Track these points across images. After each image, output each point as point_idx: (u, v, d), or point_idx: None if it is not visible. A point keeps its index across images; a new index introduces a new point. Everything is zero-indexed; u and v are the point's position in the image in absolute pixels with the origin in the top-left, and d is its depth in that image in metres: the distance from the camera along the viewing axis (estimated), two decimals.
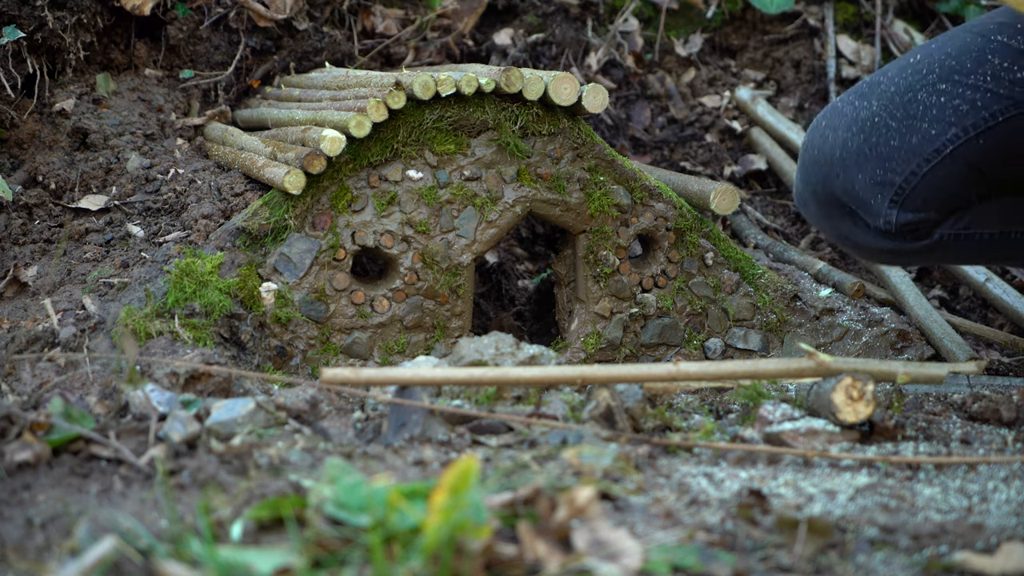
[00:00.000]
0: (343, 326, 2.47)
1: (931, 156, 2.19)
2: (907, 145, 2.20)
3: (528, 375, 1.90)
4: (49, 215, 2.72)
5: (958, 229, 2.27)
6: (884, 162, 2.21)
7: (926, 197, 2.21)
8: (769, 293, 2.70)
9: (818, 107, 3.52)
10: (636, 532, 1.46)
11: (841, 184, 2.26)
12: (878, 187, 2.22)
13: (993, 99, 2.18)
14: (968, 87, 2.19)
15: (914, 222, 2.23)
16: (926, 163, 2.19)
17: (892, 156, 2.21)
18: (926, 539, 1.48)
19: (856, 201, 2.25)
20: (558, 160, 2.56)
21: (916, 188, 2.20)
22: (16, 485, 1.60)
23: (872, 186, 2.22)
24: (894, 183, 2.21)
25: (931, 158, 2.19)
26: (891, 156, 2.21)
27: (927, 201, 2.22)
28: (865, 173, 2.23)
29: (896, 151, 2.20)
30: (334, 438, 1.85)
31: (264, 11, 3.07)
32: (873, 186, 2.22)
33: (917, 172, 2.19)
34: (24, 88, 2.92)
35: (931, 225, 2.25)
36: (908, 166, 2.20)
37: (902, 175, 2.20)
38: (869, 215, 2.25)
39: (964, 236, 2.27)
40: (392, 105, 2.43)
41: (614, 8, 3.50)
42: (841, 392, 1.89)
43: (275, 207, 2.44)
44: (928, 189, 2.21)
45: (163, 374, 2.01)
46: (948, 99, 2.19)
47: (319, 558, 1.33)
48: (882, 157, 2.21)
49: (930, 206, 2.22)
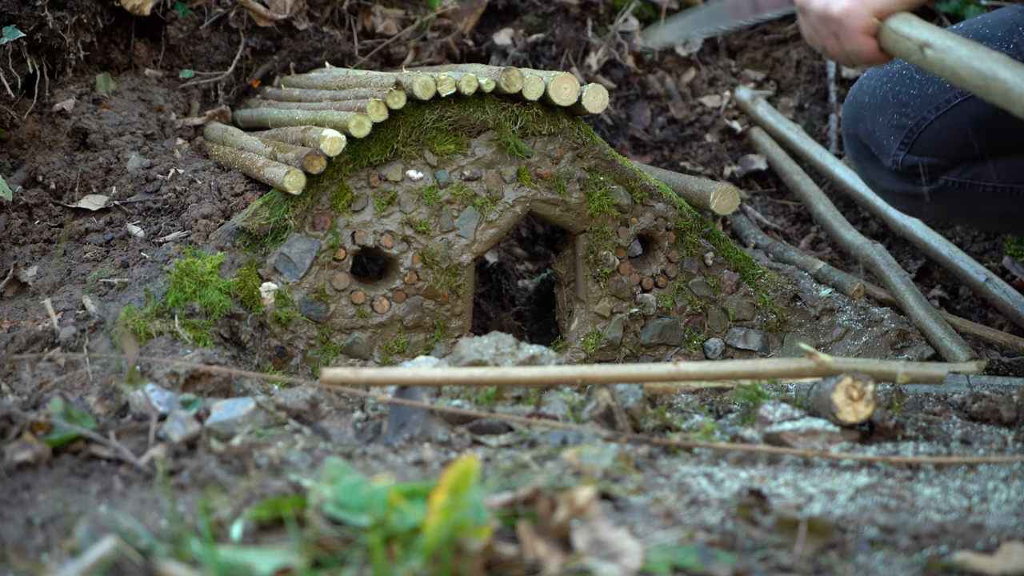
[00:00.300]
0: (343, 326, 2.47)
1: (941, 105, 2.36)
2: (923, 94, 2.37)
3: (528, 375, 1.90)
4: (49, 215, 2.72)
5: (963, 178, 2.42)
6: (902, 107, 2.38)
7: (933, 143, 2.38)
8: (769, 293, 2.70)
9: (818, 107, 3.52)
10: (636, 532, 1.46)
11: (866, 127, 2.44)
12: (893, 130, 2.40)
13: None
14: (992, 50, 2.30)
15: (920, 165, 2.39)
16: (936, 111, 2.36)
17: (909, 103, 2.38)
18: (926, 539, 1.48)
19: (875, 142, 2.43)
20: (558, 160, 2.56)
21: (924, 133, 2.37)
22: (16, 485, 1.60)
23: (889, 129, 2.40)
24: (906, 126, 2.38)
25: (941, 107, 2.36)
26: (908, 103, 2.38)
27: (934, 147, 2.38)
28: (885, 117, 2.41)
29: (914, 99, 2.38)
30: (334, 438, 1.85)
31: (264, 11, 3.07)
32: (890, 129, 2.40)
33: (927, 118, 2.36)
34: (24, 88, 2.92)
35: (937, 170, 2.40)
36: (920, 112, 2.37)
37: (914, 120, 2.38)
38: (884, 155, 2.42)
39: (968, 185, 2.42)
40: (392, 105, 2.43)
41: (614, 8, 3.50)
42: (841, 392, 1.89)
43: (275, 207, 2.44)
44: (936, 135, 2.37)
45: (163, 374, 2.00)
46: None
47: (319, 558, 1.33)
48: (901, 103, 2.39)
49: (936, 152, 2.38)
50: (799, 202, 3.37)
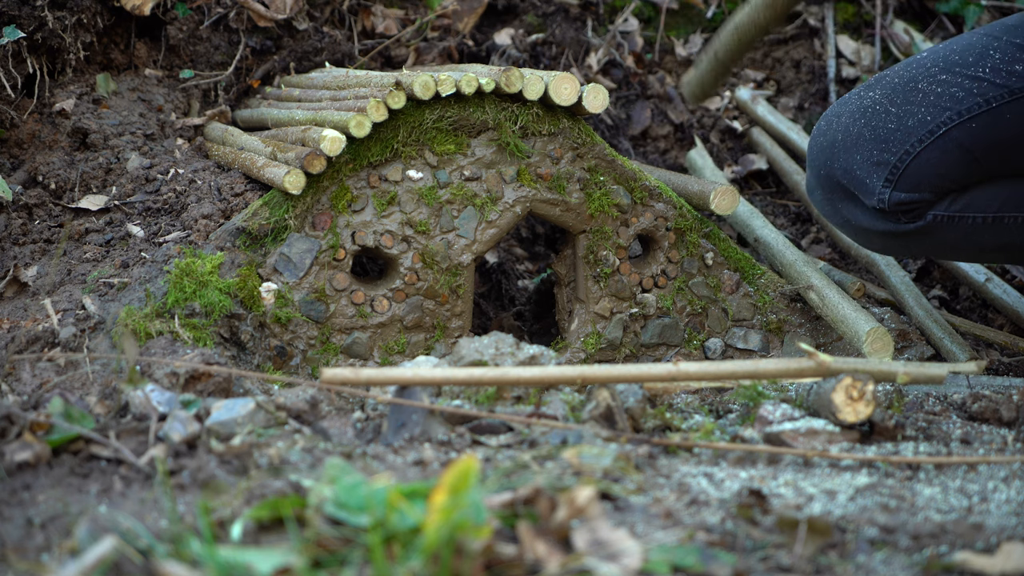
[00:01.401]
0: (343, 326, 2.47)
1: (924, 137, 2.29)
2: (903, 127, 2.30)
3: (528, 375, 1.90)
4: (49, 215, 2.72)
5: (952, 211, 2.34)
6: (880, 143, 2.31)
7: (919, 177, 2.30)
8: (769, 293, 2.70)
9: (818, 107, 3.52)
10: (636, 532, 1.46)
11: (841, 166, 2.35)
12: (874, 167, 2.32)
13: (989, 87, 2.27)
14: (967, 77, 2.29)
15: (907, 202, 2.31)
16: (919, 143, 2.29)
17: (888, 138, 2.31)
18: (926, 539, 1.48)
19: (854, 182, 2.34)
20: (558, 160, 2.56)
21: (909, 167, 2.30)
22: (16, 485, 1.60)
23: (869, 166, 2.32)
24: (889, 163, 2.30)
25: (924, 139, 2.29)
26: (888, 138, 2.31)
27: (920, 181, 2.30)
28: (863, 154, 2.32)
29: (893, 133, 2.31)
30: (334, 438, 1.85)
31: (264, 11, 3.07)
32: (870, 166, 2.32)
33: (911, 152, 2.29)
34: (24, 88, 2.92)
35: (925, 206, 2.33)
36: (902, 146, 2.30)
37: (896, 155, 2.30)
38: (865, 194, 2.33)
39: (958, 219, 2.34)
40: (392, 105, 2.43)
41: (614, 8, 3.50)
42: (841, 392, 1.89)
43: (275, 207, 2.44)
44: (921, 169, 2.30)
45: (163, 374, 2.00)
46: (946, 88, 2.30)
47: (319, 558, 1.33)
48: (879, 139, 2.31)
49: (923, 186, 2.31)
50: (799, 202, 3.37)
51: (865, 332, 2.43)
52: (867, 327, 2.43)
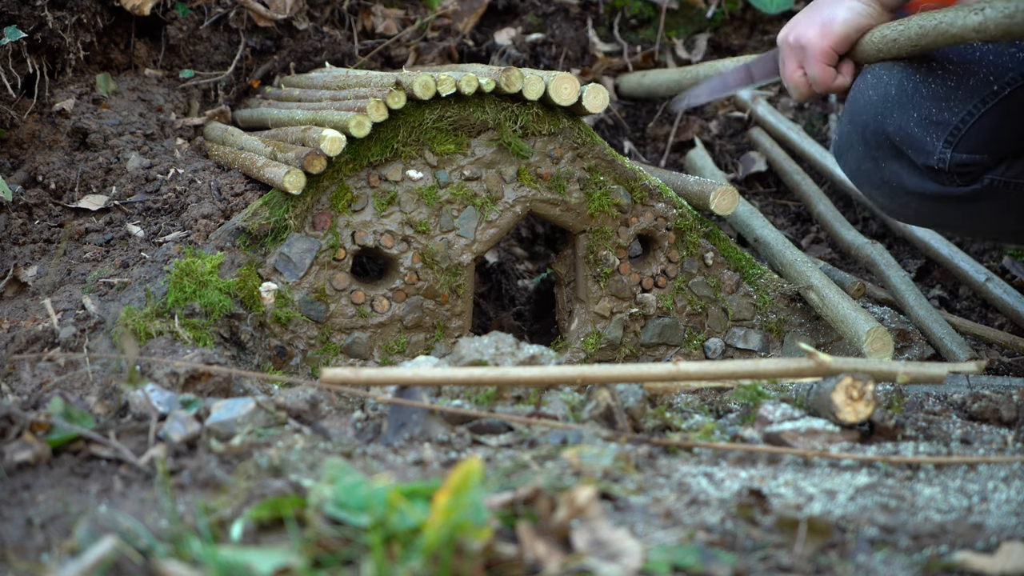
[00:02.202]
0: (343, 326, 2.47)
1: (988, 97, 2.21)
2: (964, 85, 2.22)
3: (528, 375, 1.90)
4: (49, 215, 2.72)
5: (1008, 176, 2.27)
6: (941, 101, 2.22)
7: (981, 139, 2.22)
8: (769, 293, 2.70)
9: (818, 107, 3.52)
10: (636, 532, 1.46)
11: (895, 122, 2.26)
12: (933, 126, 2.23)
13: None
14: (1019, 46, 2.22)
15: (968, 163, 2.23)
16: (983, 104, 2.21)
17: (949, 96, 2.22)
18: (926, 539, 1.48)
19: (908, 140, 2.26)
20: (558, 160, 2.56)
21: (972, 129, 2.22)
22: (16, 485, 1.60)
23: (927, 125, 2.24)
24: (951, 123, 2.22)
25: (988, 99, 2.21)
26: (948, 96, 2.22)
27: (981, 143, 2.23)
28: (921, 111, 2.24)
29: (953, 91, 2.22)
30: (334, 438, 1.85)
31: (264, 11, 3.07)
32: (928, 125, 2.23)
33: (974, 113, 2.21)
34: (24, 88, 2.92)
35: (982, 169, 2.25)
36: (965, 106, 2.21)
37: (959, 115, 2.22)
38: (921, 154, 2.25)
39: (1012, 185, 2.28)
40: (392, 105, 2.43)
41: (614, 8, 3.50)
42: (841, 392, 1.89)
43: (275, 207, 2.44)
44: (983, 131, 2.22)
45: (163, 374, 2.01)
46: (1005, 47, 2.21)
47: (319, 558, 1.33)
48: (938, 97, 2.23)
49: (984, 148, 2.23)
50: (799, 202, 3.37)
51: (865, 332, 2.43)
52: (867, 327, 2.43)
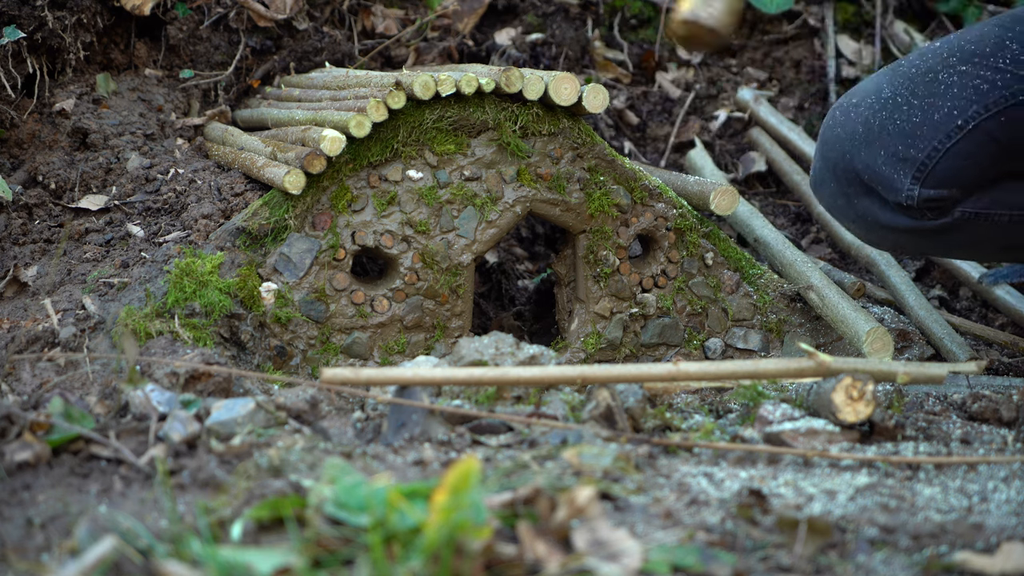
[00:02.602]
0: (343, 326, 2.47)
1: (953, 132, 2.23)
2: (929, 121, 2.24)
3: (528, 375, 1.90)
4: (49, 215, 2.72)
5: (978, 208, 2.29)
6: (906, 138, 2.25)
7: (948, 173, 2.24)
8: (769, 293, 2.70)
9: (818, 107, 3.52)
10: (636, 532, 1.46)
11: (863, 159, 2.29)
12: (900, 163, 2.25)
13: (1013, 79, 2.22)
14: (988, 68, 2.23)
15: (936, 198, 2.25)
16: (948, 139, 2.23)
17: (914, 132, 2.24)
18: (926, 539, 1.48)
19: (877, 177, 2.28)
20: (558, 160, 2.56)
21: (938, 164, 2.23)
22: (16, 485, 1.60)
23: (894, 162, 2.26)
24: (917, 159, 2.24)
25: (953, 134, 2.23)
26: (913, 132, 2.25)
27: (949, 177, 2.24)
28: (887, 149, 2.26)
29: (918, 127, 2.24)
30: (334, 438, 1.85)
31: (264, 11, 3.07)
32: (895, 162, 2.26)
33: (940, 148, 2.23)
34: (24, 88, 2.92)
35: (952, 202, 2.27)
36: (931, 142, 2.23)
37: (924, 151, 2.24)
38: (890, 191, 2.28)
39: (984, 216, 2.30)
40: (392, 105, 2.43)
41: (614, 8, 3.50)
42: (841, 392, 1.89)
43: (275, 207, 2.44)
44: (950, 165, 2.24)
45: (163, 374, 2.01)
46: (968, 79, 2.24)
47: (319, 558, 1.33)
48: (904, 133, 2.25)
49: (952, 183, 2.25)
50: (799, 202, 3.37)
51: (865, 332, 2.43)
52: (867, 327, 2.43)
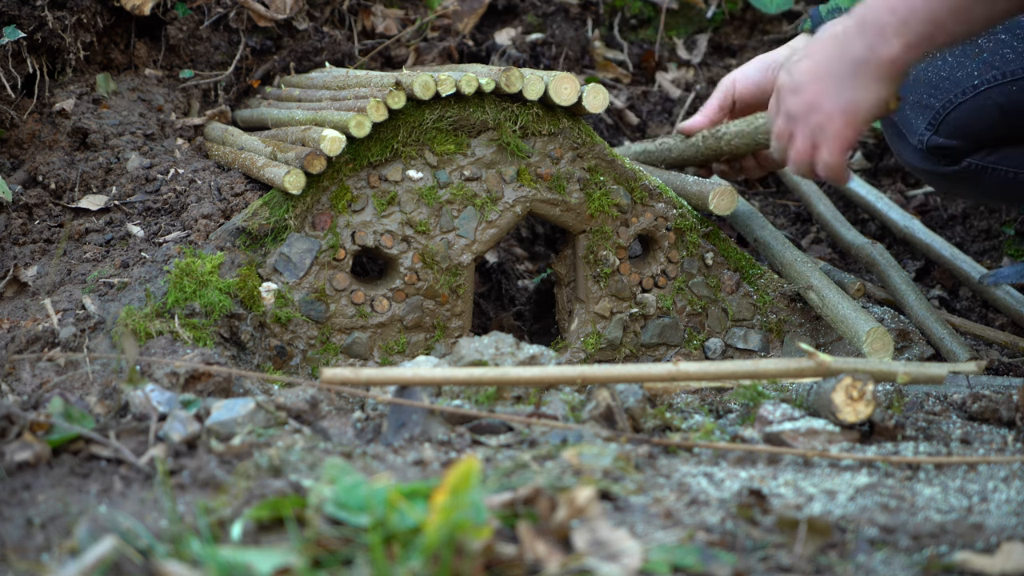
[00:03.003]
0: (343, 326, 2.47)
1: (968, 90, 2.40)
2: (953, 77, 2.42)
3: (528, 375, 1.90)
4: (49, 215, 2.72)
5: (985, 162, 2.46)
6: (931, 88, 2.43)
7: (957, 126, 2.42)
8: (769, 293, 2.70)
9: None
10: (636, 532, 1.46)
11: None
12: (921, 109, 2.44)
13: None
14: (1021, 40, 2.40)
15: (944, 147, 2.43)
16: (962, 95, 2.40)
17: (939, 84, 2.42)
18: (926, 539, 1.48)
19: (903, 120, 2.48)
20: (558, 160, 2.56)
21: (950, 116, 2.41)
22: (16, 485, 1.60)
23: (917, 108, 2.45)
24: (933, 107, 2.42)
25: (967, 91, 2.40)
26: (938, 84, 2.42)
27: (957, 130, 2.42)
28: (915, 95, 2.45)
29: (943, 81, 2.42)
30: (334, 438, 1.85)
31: (264, 11, 3.07)
32: (917, 108, 2.45)
33: (953, 102, 2.41)
34: (24, 88, 2.92)
35: (960, 153, 2.45)
36: (948, 95, 2.41)
37: (941, 101, 2.42)
38: (910, 133, 2.47)
39: (990, 169, 2.46)
40: (392, 105, 2.43)
41: (614, 8, 3.50)
42: (841, 392, 1.89)
43: (275, 207, 2.44)
44: (960, 119, 2.41)
45: (163, 374, 2.01)
46: (1000, 46, 2.41)
47: (319, 558, 1.33)
48: (931, 84, 2.43)
49: (960, 135, 2.43)
50: (799, 202, 3.37)
51: (865, 332, 2.43)
52: (867, 327, 2.43)
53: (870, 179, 3.42)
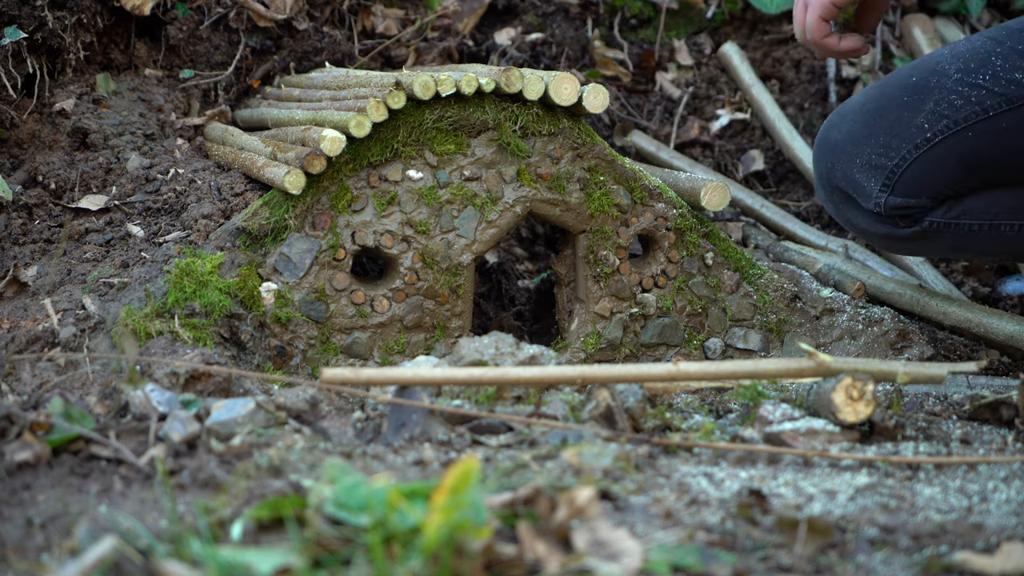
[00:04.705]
0: (343, 326, 2.47)
1: (921, 144, 2.31)
2: (903, 133, 2.33)
3: (528, 375, 1.90)
4: (49, 215, 2.72)
5: (948, 218, 2.38)
6: (879, 147, 2.34)
7: (915, 183, 2.33)
8: (769, 293, 2.70)
9: (818, 107, 3.52)
10: (636, 532, 1.46)
11: (841, 169, 2.39)
12: (872, 170, 2.35)
13: (987, 96, 2.29)
14: (967, 84, 2.31)
15: (904, 207, 2.35)
16: (916, 150, 2.31)
17: (889, 143, 2.34)
18: (926, 539, 1.48)
19: (853, 185, 2.38)
20: (558, 160, 2.56)
21: (906, 173, 2.33)
22: (16, 485, 1.60)
23: (867, 169, 2.36)
24: (886, 167, 2.34)
25: (921, 145, 2.31)
26: (887, 143, 2.34)
27: (916, 187, 2.34)
28: (862, 157, 2.36)
29: (892, 138, 2.33)
30: (334, 438, 1.85)
31: (264, 11, 3.07)
32: (868, 169, 2.36)
33: (907, 158, 2.32)
34: (24, 88, 2.92)
35: (921, 211, 2.37)
36: (900, 152, 2.32)
37: (894, 160, 2.33)
38: (863, 198, 2.37)
39: (954, 225, 2.38)
40: (392, 105, 2.43)
41: (614, 8, 3.50)
42: (841, 392, 1.89)
43: (275, 207, 2.44)
44: (917, 175, 2.33)
45: (163, 374, 2.01)
46: (946, 95, 2.32)
47: (319, 558, 1.33)
48: (879, 143, 2.35)
49: (920, 192, 2.34)
50: (799, 202, 3.37)
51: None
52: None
53: None
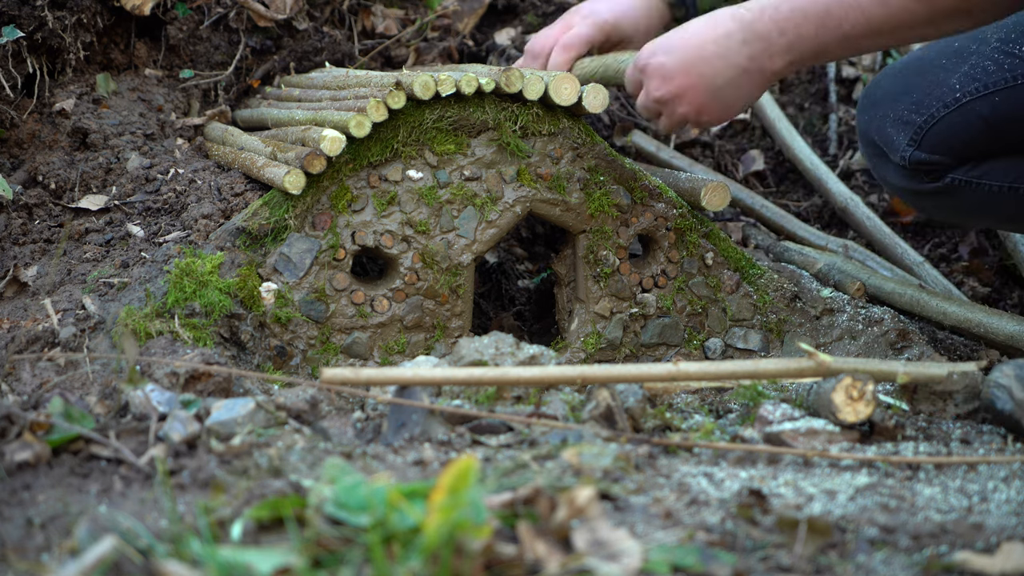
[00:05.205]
0: (343, 326, 2.47)
1: (950, 103, 2.37)
2: (935, 92, 2.40)
3: (528, 375, 1.90)
4: (49, 215, 2.72)
5: (970, 176, 2.43)
6: (912, 104, 2.41)
7: (941, 140, 2.39)
8: (769, 293, 2.70)
9: (818, 107, 3.52)
10: (636, 532, 1.46)
11: (877, 124, 2.47)
12: (902, 125, 2.42)
13: (1019, 64, 2.35)
14: (1003, 53, 2.38)
15: (927, 162, 2.41)
16: (944, 108, 2.37)
17: (920, 100, 2.41)
18: (926, 539, 1.48)
19: (885, 139, 2.45)
20: (558, 160, 2.56)
21: (933, 129, 2.39)
22: (16, 485, 1.60)
23: (898, 124, 2.42)
24: (915, 123, 2.40)
25: (950, 104, 2.37)
26: (920, 100, 2.41)
27: (941, 144, 2.40)
28: (896, 113, 2.43)
29: (925, 96, 2.41)
30: (334, 438, 1.85)
31: (264, 11, 3.07)
32: (899, 124, 2.42)
33: (936, 115, 2.38)
34: (24, 88, 2.92)
35: (944, 169, 2.42)
36: (929, 109, 2.39)
37: (923, 116, 2.39)
38: (892, 151, 2.44)
39: (974, 184, 2.43)
40: (392, 105, 2.43)
41: None
42: (841, 392, 1.89)
43: (275, 207, 2.44)
44: (943, 132, 2.39)
45: (163, 374, 2.01)
46: (982, 60, 2.39)
47: (319, 558, 1.33)
48: (912, 100, 2.42)
49: (943, 150, 2.40)
50: (799, 202, 3.37)
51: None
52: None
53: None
